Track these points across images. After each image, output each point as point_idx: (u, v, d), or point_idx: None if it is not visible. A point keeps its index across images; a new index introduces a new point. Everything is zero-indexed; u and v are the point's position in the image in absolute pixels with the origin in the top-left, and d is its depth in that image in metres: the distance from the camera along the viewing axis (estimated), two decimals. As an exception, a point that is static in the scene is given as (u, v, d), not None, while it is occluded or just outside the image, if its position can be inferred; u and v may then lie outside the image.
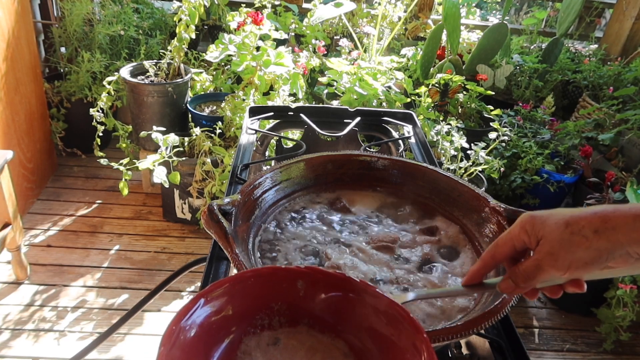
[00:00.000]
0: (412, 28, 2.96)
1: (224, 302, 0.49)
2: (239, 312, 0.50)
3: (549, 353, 1.85)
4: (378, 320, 0.49)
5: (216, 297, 0.48)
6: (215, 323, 0.48)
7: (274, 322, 0.52)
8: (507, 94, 2.79)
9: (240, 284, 0.50)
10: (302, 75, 2.22)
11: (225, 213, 0.66)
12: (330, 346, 0.51)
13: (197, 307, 0.47)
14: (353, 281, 0.51)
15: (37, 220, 2.19)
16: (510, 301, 0.58)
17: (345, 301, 0.51)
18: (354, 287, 0.51)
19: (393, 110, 1.29)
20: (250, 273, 0.51)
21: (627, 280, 1.75)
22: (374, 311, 0.50)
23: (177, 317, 0.45)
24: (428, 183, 0.83)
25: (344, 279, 0.51)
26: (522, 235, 0.52)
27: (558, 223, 0.50)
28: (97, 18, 2.55)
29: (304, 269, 0.52)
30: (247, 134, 1.11)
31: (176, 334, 0.43)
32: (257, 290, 0.51)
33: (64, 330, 1.71)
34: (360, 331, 0.51)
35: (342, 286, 0.51)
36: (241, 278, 0.50)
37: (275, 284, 0.51)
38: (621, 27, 2.93)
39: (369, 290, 0.50)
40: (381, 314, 0.49)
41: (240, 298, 0.50)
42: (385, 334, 0.49)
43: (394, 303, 0.49)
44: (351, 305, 0.51)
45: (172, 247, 2.12)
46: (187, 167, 2.02)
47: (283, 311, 0.52)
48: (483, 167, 2.04)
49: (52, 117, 2.44)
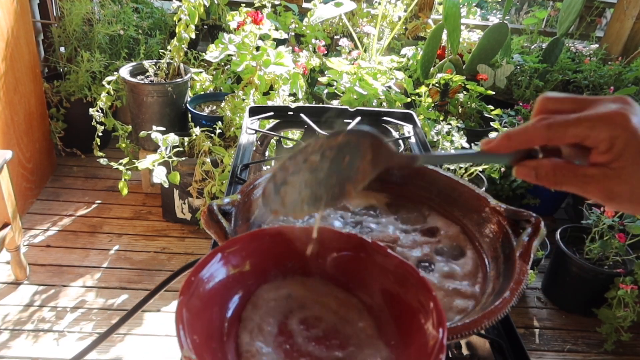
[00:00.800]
0: (412, 28, 2.96)
1: (239, 258, 0.50)
2: (253, 267, 0.52)
3: (549, 353, 1.84)
4: (389, 279, 0.51)
5: (232, 253, 0.50)
6: (231, 277, 0.49)
7: (288, 278, 0.54)
8: (508, 94, 2.79)
9: (256, 242, 0.52)
10: (302, 75, 2.22)
11: (225, 213, 0.66)
12: (344, 299, 0.53)
13: (214, 261, 0.48)
14: (364, 241, 0.52)
15: (37, 220, 2.18)
16: (510, 301, 0.57)
17: (358, 260, 0.53)
18: (365, 247, 0.52)
19: (393, 110, 1.28)
20: (266, 231, 0.53)
21: (628, 281, 1.75)
22: (385, 271, 0.51)
23: (195, 269, 0.46)
24: (428, 183, 0.83)
25: (355, 239, 0.53)
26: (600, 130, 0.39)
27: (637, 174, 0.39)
28: (96, 18, 2.55)
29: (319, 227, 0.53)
30: (247, 134, 1.10)
31: (195, 285, 0.45)
32: (271, 248, 0.53)
33: (64, 331, 1.70)
34: (372, 290, 0.52)
35: (354, 245, 0.53)
36: (257, 236, 0.52)
37: (289, 243, 0.52)
38: (622, 26, 2.93)
39: (380, 250, 0.52)
40: (392, 274, 0.50)
41: (255, 255, 0.52)
42: (396, 293, 0.50)
43: (404, 263, 0.50)
44: (363, 264, 0.52)
45: (172, 247, 2.12)
46: (186, 167, 2.02)
47: (296, 269, 0.54)
48: (483, 167, 2.04)
49: (51, 117, 2.44)
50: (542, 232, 0.66)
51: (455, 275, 0.70)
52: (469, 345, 0.72)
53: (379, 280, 0.51)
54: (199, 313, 0.44)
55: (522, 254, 0.63)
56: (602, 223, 1.84)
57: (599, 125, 0.39)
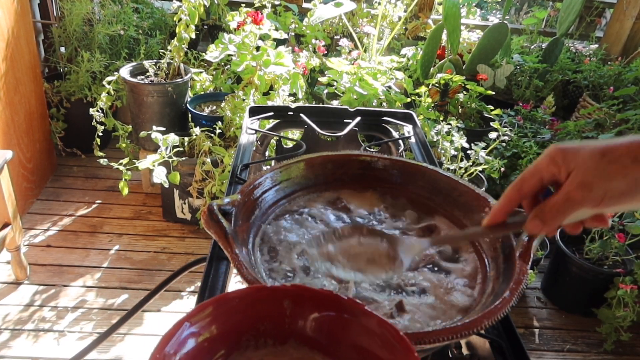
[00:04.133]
0: (412, 28, 2.96)
1: (208, 326, 0.47)
2: (224, 334, 0.49)
3: (549, 353, 1.84)
4: (368, 339, 0.48)
5: (200, 321, 0.47)
6: (201, 347, 0.47)
7: (260, 343, 0.51)
8: (508, 94, 2.79)
9: (225, 306, 0.49)
10: (302, 75, 2.22)
11: (225, 213, 0.66)
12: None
13: (180, 332, 0.45)
14: (341, 299, 0.49)
15: (37, 220, 2.18)
16: (510, 301, 0.57)
17: (335, 320, 0.50)
18: (342, 306, 0.49)
19: (393, 110, 1.28)
20: (234, 294, 0.50)
21: (628, 281, 1.75)
22: (364, 330, 0.48)
23: (161, 344, 0.43)
24: (428, 183, 0.83)
25: (331, 297, 0.50)
26: (551, 167, 0.50)
27: (593, 152, 0.47)
28: (96, 18, 2.55)
29: (289, 287, 0.50)
30: (247, 134, 1.11)
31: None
32: (241, 312, 0.50)
33: (64, 331, 1.70)
34: (351, 351, 0.49)
35: (330, 305, 0.50)
36: (225, 300, 0.49)
37: (260, 304, 0.50)
38: (622, 26, 2.93)
39: (357, 308, 0.49)
40: (371, 333, 0.48)
41: (225, 320, 0.49)
42: (376, 353, 0.48)
43: (383, 321, 0.47)
44: (341, 324, 0.50)
45: (172, 247, 2.12)
46: (187, 167, 2.02)
47: (269, 331, 0.51)
48: (483, 167, 2.04)
49: (51, 117, 2.44)
50: (542, 232, 0.66)
51: (455, 275, 0.70)
52: (469, 345, 0.72)
53: (359, 340, 0.49)
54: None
55: (522, 253, 0.63)
56: (602, 223, 1.84)
57: (544, 164, 0.50)
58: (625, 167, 0.46)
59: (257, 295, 0.50)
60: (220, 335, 0.48)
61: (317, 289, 0.51)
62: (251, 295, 0.50)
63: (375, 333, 0.47)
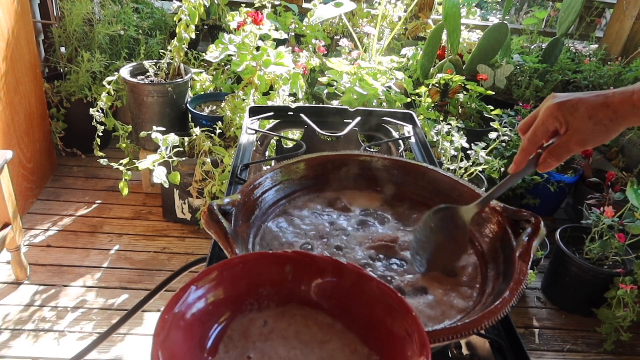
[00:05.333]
0: (412, 28, 2.96)
1: (213, 289, 0.49)
2: (228, 298, 0.51)
3: (549, 353, 1.84)
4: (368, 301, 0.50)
5: (206, 285, 0.49)
6: (206, 310, 0.49)
7: (263, 306, 0.53)
8: (508, 94, 2.79)
9: (229, 270, 0.51)
10: (302, 75, 2.22)
11: (225, 213, 0.66)
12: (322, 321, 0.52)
13: (187, 294, 0.47)
14: (341, 264, 0.51)
15: (37, 220, 2.18)
16: (510, 301, 0.57)
17: (336, 285, 0.52)
18: (342, 270, 0.51)
19: (393, 110, 1.29)
20: (238, 259, 0.52)
21: (628, 281, 1.75)
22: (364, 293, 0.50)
23: (168, 306, 0.45)
24: (428, 183, 0.83)
25: (331, 263, 0.52)
26: (554, 121, 0.66)
27: (583, 117, 0.64)
28: (96, 18, 2.55)
29: (291, 253, 0.52)
30: (247, 134, 1.11)
31: (169, 323, 0.44)
32: (245, 276, 0.51)
33: (64, 331, 1.70)
34: (353, 312, 0.51)
35: (330, 270, 0.52)
36: (229, 265, 0.51)
37: (263, 269, 0.52)
38: (621, 26, 2.93)
39: (357, 272, 0.51)
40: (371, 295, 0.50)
41: (229, 284, 0.50)
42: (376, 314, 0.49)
43: (381, 284, 0.49)
44: (342, 288, 0.51)
45: (172, 247, 2.12)
46: (187, 167, 2.02)
47: (272, 295, 0.53)
48: (483, 167, 2.04)
49: (51, 117, 2.44)
50: (542, 232, 0.66)
51: (455, 275, 0.70)
52: (469, 345, 0.72)
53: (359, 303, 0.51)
54: (175, 351, 0.43)
55: (522, 254, 0.63)
56: (602, 223, 1.84)
57: (549, 121, 0.67)
58: (606, 126, 0.64)
59: (260, 261, 0.52)
60: (225, 298, 0.50)
61: (318, 254, 0.53)
62: (254, 261, 0.52)
63: (375, 295, 0.49)
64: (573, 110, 0.65)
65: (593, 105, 0.64)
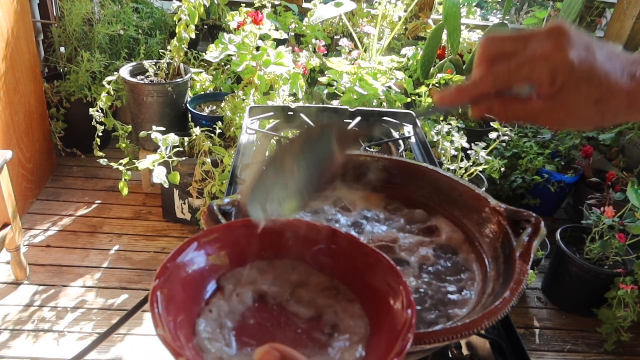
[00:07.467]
0: (412, 28, 2.96)
1: (215, 248, 0.52)
2: (229, 257, 0.53)
3: (549, 353, 1.84)
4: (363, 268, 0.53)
5: (208, 242, 0.51)
6: (206, 265, 0.51)
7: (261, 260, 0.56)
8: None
9: (231, 233, 0.53)
10: (302, 75, 2.22)
11: (225, 213, 0.66)
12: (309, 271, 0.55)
13: (189, 249, 0.50)
14: (338, 232, 0.54)
15: (37, 220, 2.18)
16: (510, 301, 0.57)
17: (333, 252, 0.54)
18: (338, 238, 0.54)
19: (393, 110, 1.28)
20: (241, 223, 0.54)
21: (628, 281, 1.75)
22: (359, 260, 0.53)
23: (171, 256, 0.48)
24: (428, 183, 0.83)
25: (329, 230, 0.54)
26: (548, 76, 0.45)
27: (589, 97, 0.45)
28: (96, 18, 2.55)
29: (291, 220, 0.55)
30: (247, 134, 1.10)
31: (170, 271, 0.47)
32: (247, 239, 0.54)
33: (64, 331, 1.70)
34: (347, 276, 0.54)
35: (328, 237, 0.54)
36: (231, 227, 0.54)
37: (264, 234, 0.53)
38: (622, 26, 2.93)
39: (353, 241, 0.54)
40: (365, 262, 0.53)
41: (231, 245, 0.53)
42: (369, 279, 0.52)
43: (374, 251, 0.52)
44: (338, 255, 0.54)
45: (172, 247, 2.11)
46: (186, 167, 2.02)
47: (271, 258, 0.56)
48: (483, 167, 2.04)
49: (51, 117, 2.44)
50: (542, 232, 0.66)
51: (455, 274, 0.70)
52: (469, 345, 0.72)
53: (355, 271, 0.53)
54: (174, 296, 0.46)
55: (522, 254, 0.63)
56: (602, 223, 1.84)
57: (539, 65, 0.44)
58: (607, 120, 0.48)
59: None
60: (227, 257, 0.53)
61: (317, 222, 0.56)
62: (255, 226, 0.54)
63: (369, 263, 0.52)
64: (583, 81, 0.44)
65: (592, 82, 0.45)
